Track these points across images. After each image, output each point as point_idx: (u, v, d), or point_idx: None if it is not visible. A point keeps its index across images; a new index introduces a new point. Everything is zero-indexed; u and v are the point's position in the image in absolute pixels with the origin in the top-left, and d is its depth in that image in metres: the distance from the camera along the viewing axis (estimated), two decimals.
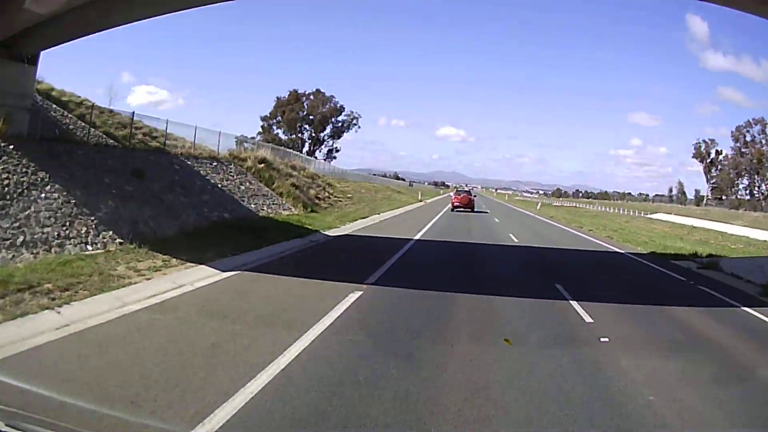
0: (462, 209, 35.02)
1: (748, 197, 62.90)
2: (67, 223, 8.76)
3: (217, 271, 8.49)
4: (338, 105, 65.83)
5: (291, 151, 35.92)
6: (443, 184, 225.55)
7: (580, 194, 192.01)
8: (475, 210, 36.37)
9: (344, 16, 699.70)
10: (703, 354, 6.35)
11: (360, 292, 7.82)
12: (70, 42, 11.62)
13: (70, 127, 13.65)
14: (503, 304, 8.04)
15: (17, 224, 7.93)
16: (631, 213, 55.28)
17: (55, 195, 9.16)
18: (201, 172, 16.25)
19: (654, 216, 49.39)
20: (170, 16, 11.64)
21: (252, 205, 17.22)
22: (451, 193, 46.13)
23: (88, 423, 3.39)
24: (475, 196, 42.38)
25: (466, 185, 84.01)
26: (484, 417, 3.99)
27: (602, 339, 6.37)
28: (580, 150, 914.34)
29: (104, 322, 5.55)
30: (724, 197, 65.27)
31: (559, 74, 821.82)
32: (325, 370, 4.66)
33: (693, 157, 69.91)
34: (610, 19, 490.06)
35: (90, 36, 11.95)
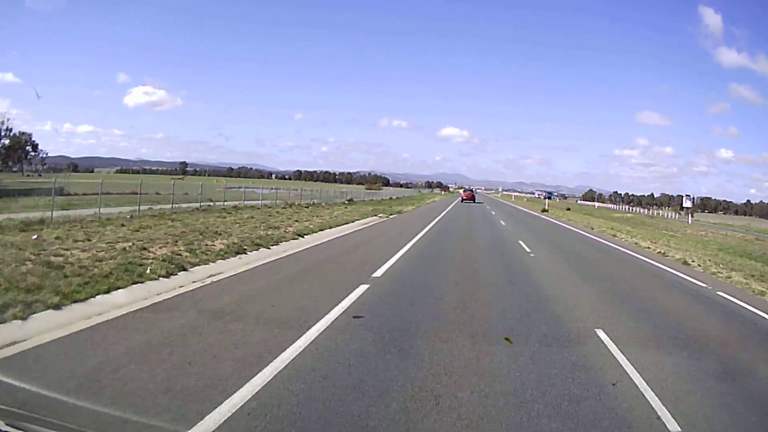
0: (467, 201, 59.02)
1: None
2: None
3: None
4: None
5: None
6: (439, 184, 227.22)
7: (620, 200, 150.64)
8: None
9: (343, 16, 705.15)
10: None
11: None
12: None
13: None
14: None
15: None
16: None
17: None
18: None
19: None
20: None
21: None
22: (460, 191, 75.77)
23: (88, 423, 3.32)
24: (476, 192, 72.72)
25: (469, 186, 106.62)
26: None
27: None
28: (585, 151, 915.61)
29: None
30: None
31: (564, 74, 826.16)
32: None
33: None
34: (613, 17, 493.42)
35: None
